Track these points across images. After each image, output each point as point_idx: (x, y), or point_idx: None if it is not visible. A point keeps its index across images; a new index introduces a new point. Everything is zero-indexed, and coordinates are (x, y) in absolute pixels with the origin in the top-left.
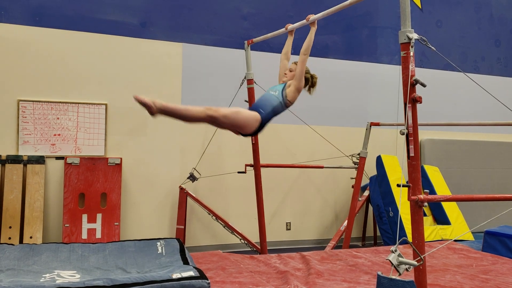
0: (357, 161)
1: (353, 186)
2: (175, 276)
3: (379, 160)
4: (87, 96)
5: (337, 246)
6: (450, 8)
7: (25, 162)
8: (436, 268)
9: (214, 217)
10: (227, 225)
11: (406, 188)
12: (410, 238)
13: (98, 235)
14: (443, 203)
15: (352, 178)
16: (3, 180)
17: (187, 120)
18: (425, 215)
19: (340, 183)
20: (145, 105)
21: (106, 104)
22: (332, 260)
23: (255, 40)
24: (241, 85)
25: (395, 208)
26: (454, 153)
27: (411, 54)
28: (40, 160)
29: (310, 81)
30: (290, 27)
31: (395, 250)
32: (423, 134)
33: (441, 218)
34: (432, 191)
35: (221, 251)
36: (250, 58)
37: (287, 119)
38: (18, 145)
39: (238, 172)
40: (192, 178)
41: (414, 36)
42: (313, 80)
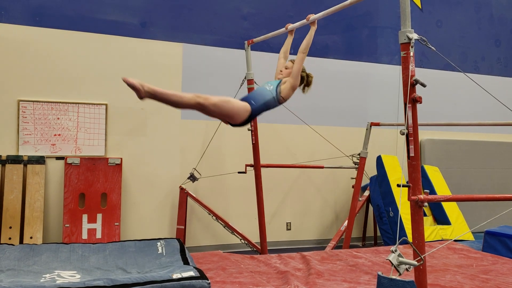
0: (357, 161)
1: (353, 186)
2: (175, 276)
3: (379, 160)
4: (87, 96)
5: (338, 246)
6: (450, 8)
7: (25, 162)
8: (436, 268)
9: (214, 217)
10: (227, 225)
11: (406, 188)
12: (410, 238)
13: (99, 235)
14: (443, 203)
15: (352, 178)
16: (3, 180)
17: (176, 105)
18: (425, 215)
19: (340, 183)
20: (133, 87)
21: (106, 104)
22: (332, 260)
23: (255, 40)
24: (241, 85)
25: (395, 208)
26: (454, 153)
27: (411, 54)
28: (40, 160)
29: (305, 80)
30: (290, 26)
31: (395, 250)
32: (423, 134)
33: (441, 218)
34: (432, 191)
35: (221, 251)
36: (250, 58)
37: (287, 119)
38: (18, 145)
39: (239, 172)
40: (192, 178)
41: (414, 36)
42: (308, 79)
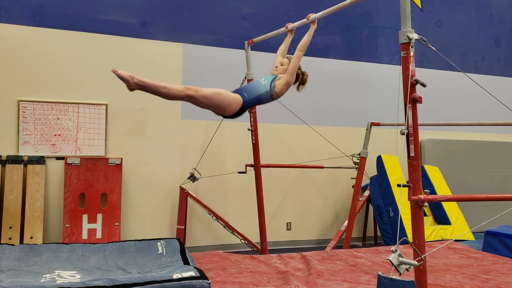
0: (358, 161)
1: (353, 186)
2: (175, 276)
3: (379, 160)
4: (88, 96)
5: (338, 246)
6: (450, 8)
7: (25, 162)
8: (437, 268)
9: (214, 217)
10: (227, 225)
11: (407, 188)
12: (410, 238)
13: (99, 235)
14: (444, 203)
15: (352, 178)
16: (3, 181)
17: (166, 97)
18: (425, 215)
19: (341, 183)
20: (123, 79)
21: (106, 104)
22: (332, 260)
23: (255, 40)
24: (241, 85)
25: (396, 208)
26: (454, 153)
27: (411, 54)
28: (40, 160)
29: (300, 78)
30: (290, 26)
31: (396, 250)
32: (423, 134)
33: (441, 218)
34: (433, 191)
35: (221, 251)
36: (250, 58)
37: (287, 119)
38: (19, 145)
39: (239, 172)
40: (192, 178)
41: (414, 36)
42: (303, 78)
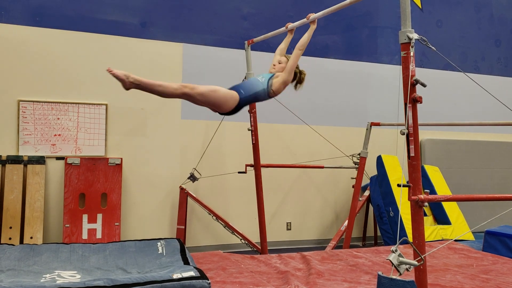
0: (358, 161)
1: (353, 186)
2: (175, 276)
3: (379, 160)
4: (88, 96)
5: (338, 246)
6: (450, 8)
7: (25, 162)
8: (437, 268)
9: (214, 217)
10: (227, 225)
11: (407, 188)
12: (410, 238)
13: (99, 235)
14: (444, 203)
15: (352, 178)
16: (3, 181)
17: (162, 95)
18: (425, 215)
19: (341, 183)
20: (118, 78)
21: (106, 104)
22: (332, 260)
23: (255, 40)
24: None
25: (396, 208)
26: (454, 153)
27: (411, 54)
28: (40, 160)
29: (298, 76)
30: (290, 26)
31: (396, 250)
32: (423, 134)
33: (441, 218)
34: (433, 191)
35: (221, 251)
36: (250, 58)
37: (287, 119)
38: (19, 145)
39: (239, 172)
40: (192, 178)
41: (414, 36)
42: (301, 76)
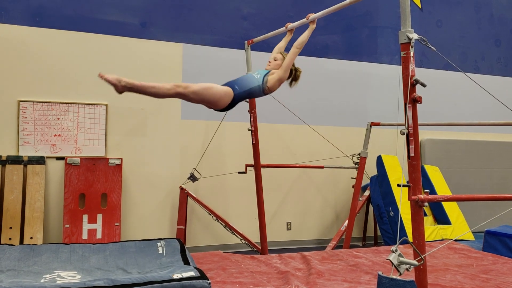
0: (358, 161)
1: (353, 186)
2: (175, 276)
3: (379, 160)
4: (88, 96)
5: (338, 246)
6: (450, 8)
7: (25, 162)
8: (437, 268)
9: (214, 217)
10: (227, 225)
11: (407, 188)
12: (410, 238)
13: (99, 235)
14: (444, 203)
15: (352, 178)
16: (3, 181)
17: (156, 96)
18: (425, 215)
19: (341, 183)
20: (110, 83)
21: (106, 105)
22: (332, 260)
23: (255, 40)
24: None
25: (396, 208)
26: (454, 153)
27: (411, 54)
28: (40, 160)
29: (293, 73)
30: (290, 25)
31: (396, 250)
32: (423, 134)
33: (441, 218)
34: (433, 191)
35: (221, 251)
36: (250, 58)
37: (287, 119)
38: (19, 145)
39: (239, 172)
40: (192, 178)
41: (414, 36)
42: (296, 73)
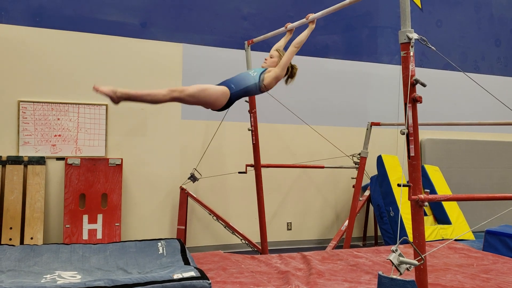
0: (358, 161)
1: (353, 186)
2: (176, 276)
3: (379, 160)
4: (88, 96)
5: (338, 246)
6: (450, 8)
7: (25, 163)
8: (437, 268)
9: (214, 217)
10: (227, 225)
11: (407, 188)
12: (410, 238)
13: (99, 235)
14: (444, 203)
15: (352, 178)
16: (3, 181)
17: (152, 103)
18: (425, 214)
19: (341, 183)
20: (106, 95)
21: (106, 105)
22: (333, 260)
23: (255, 40)
24: None
25: (396, 207)
26: (454, 152)
27: (411, 54)
28: (40, 161)
29: (289, 71)
30: (290, 26)
31: (396, 250)
32: (423, 134)
33: (441, 218)
34: (433, 191)
35: (222, 251)
36: (250, 58)
37: (288, 119)
38: (19, 146)
39: (239, 172)
40: (192, 178)
41: (414, 36)
42: (292, 71)
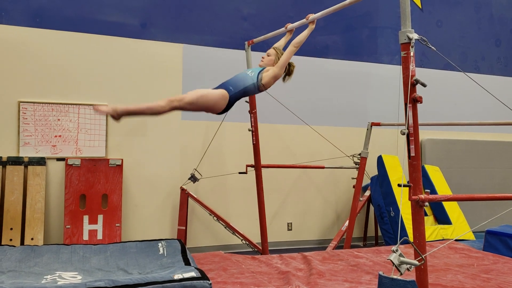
0: (358, 161)
1: (354, 186)
2: (176, 277)
3: (380, 160)
4: (88, 97)
5: (339, 246)
6: (450, 8)
7: (26, 163)
8: (438, 268)
9: (215, 218)
10: (228, 226)
11: (407, 188)
12: (411, 238)
13: (100, 236)
14: (444, 203)
15: (353, 178)
16: (4, 182)
17: (154, 115)
18: (426, 214)
19: (341, 183)
20: (107, 114)
21: (106, 105)
22: (333, 260)
23: (256, 40)
24: None
25: (396, 208)
26: (454, 152)
27: (412, 54)
28: (41, 161)
29: (287, 69)
30: (290, 26)
31: (396, 250)
32: (423, 134)
33: (442, 218)
34: (433, 191)
35: (222, 252)
36: (250, 58)
37: (288, 119)
38: (19, 146)
39: (239, 173)
40: (193, 179)
41: (414, 36)
42: (290, 68)
